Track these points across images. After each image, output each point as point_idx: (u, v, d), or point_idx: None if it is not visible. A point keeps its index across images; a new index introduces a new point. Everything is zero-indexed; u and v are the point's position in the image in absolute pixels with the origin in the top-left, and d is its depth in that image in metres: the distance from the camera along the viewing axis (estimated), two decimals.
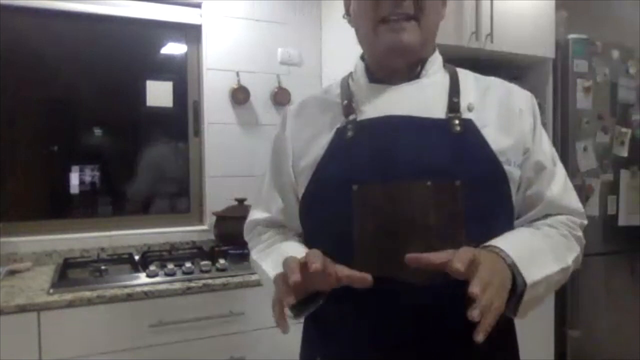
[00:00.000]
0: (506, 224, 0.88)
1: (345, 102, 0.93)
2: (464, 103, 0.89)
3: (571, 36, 2.48)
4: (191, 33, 2.47)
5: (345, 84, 0.97)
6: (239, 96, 2.45)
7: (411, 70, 0.92)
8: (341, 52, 2.38)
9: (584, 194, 2.49)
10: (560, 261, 0.84)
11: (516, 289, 0.76)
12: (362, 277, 0.73)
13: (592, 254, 2.51)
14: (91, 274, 1.89)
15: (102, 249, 2.20)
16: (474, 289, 0.66)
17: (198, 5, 2.41)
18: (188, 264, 1.88)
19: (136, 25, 2.38)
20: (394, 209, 0.82)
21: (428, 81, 0.92)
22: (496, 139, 0.87)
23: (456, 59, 1.05)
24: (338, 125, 0.91)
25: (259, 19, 2.52)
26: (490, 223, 0.84)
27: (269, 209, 1.02)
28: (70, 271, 1.95)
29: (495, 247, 0.79)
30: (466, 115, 0.88)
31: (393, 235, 0.81)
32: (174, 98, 2.46)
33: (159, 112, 2.45)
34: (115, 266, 2.00)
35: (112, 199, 2.44)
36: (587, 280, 2.49)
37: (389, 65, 0.92)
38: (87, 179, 2.38)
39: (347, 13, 0.97)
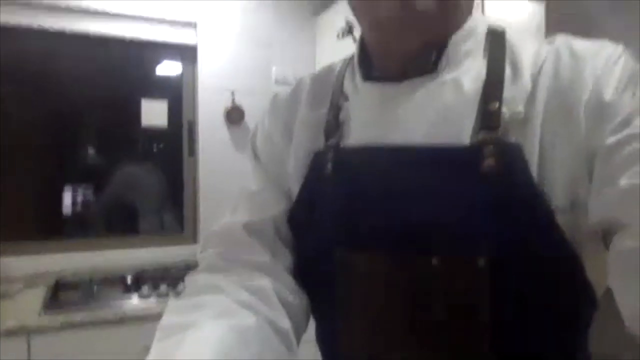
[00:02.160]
0: (571, 307, 0.54)
1: (331, 114, 0.65)
2: (509, 108, 0.53)
3: None
4: (186, 53, 2.48)
5: (341, 77, 0.68)
6: (234, 116, 2.45)
7: (426, 58, 0.58)
8: None
9: None
10: None
11: None
12: None
13: None
14: (83, 295, 1.86)
15: (95, 270, 2.17)
16: None
17: (193, 26, 2.43)
18: (181, 285, 1.85)
19: (132, 45, 2.39)
20: (389, 290, 0.56)
21: (449, 77, 0.57)
22: (563, 178, 0.52)
23: None
24: (317, 148, 0.64)
25: (253, 39, 2.54)
26: (535, 323, 0.52)
27: (249, 212, 0.67)
28: (61, 293, 1.92)
29: None
30: (512, 133, 0.53)
31: (385, 331, 0.57)
32: (169, 117, 2.46)
33: (153, 132, 2.45)
34: (107, 287, 1.98)
35: (105, 220, 2.43)
36: None
37: (394, 47, 0.59)
38: (80, 198, 2.37)
39: None
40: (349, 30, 1.89)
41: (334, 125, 0.63)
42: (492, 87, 0.55)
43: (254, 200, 0.68)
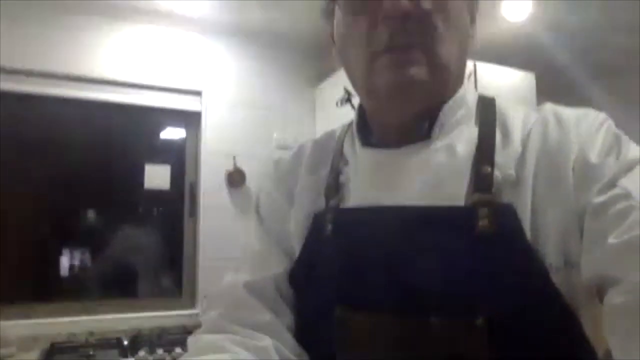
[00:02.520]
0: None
1: (331, 177, 0.68)
2: (502, 171, 0.57)
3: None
4: (191, 119, 2.57)
5: (341, 142, 0.71)
6: (235, 179, 2.50)
7: (420, 126, 0.62)
8: None
9: None
10: None
11: None
12: None
13: None
14: (79, 359, 1.82)
15: (91, 333, 2.13)
16: None
17: (199, 94, 2.54)
18: (178, 349, 1.83)
19: (138, 111, 2.48)
20: (385, 353, 0.56)
21: (442, 143, 0.61)
22: (554, 236, 0.54)
23: None
24: (317, 210, 0.67)
25: (255, 106, 2.64)
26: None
27: (250, 271, 0.68)
28: (56, 357, 1.89)
29: None
30: (505, 194, 0.55)
31: None
32: (171, 179, 2.50)
33: (155, 194, 2.49)
34: (103, 351, 1.94)
35: (103, 282, 2.41)
36: None
37: (390, 116, 0.64)
38: (78, 261, 2.37)
39: (332, 38, 0.69)
40: (348, 98, 1.98)
41: (334, 187, 0.66)
42: (484, 151, 0.58)
43: (255, 259, 0.70)
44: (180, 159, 2.56)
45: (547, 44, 2.71)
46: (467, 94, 0.65)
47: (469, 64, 2.14)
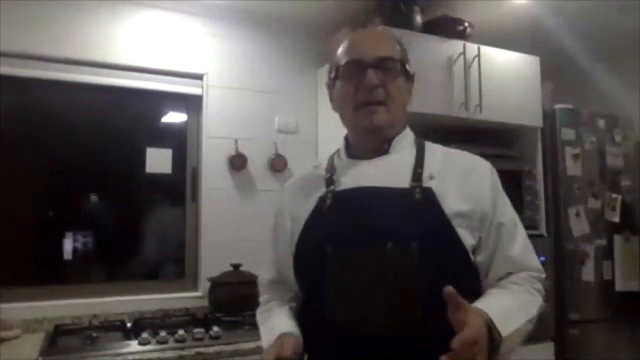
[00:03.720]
0: (464, 280, 0.97)
1: (328, 175, 1.13)
2: (426, 173, 1.05)
3: (557, 106, 2.59)
4: (192, 103, 2.56)
5: (331, 160, 1.18)
6: (237, 163, 2.50)
7: (382, 147, 1.10)
8: (336, 119, 2.45)
9: (578, 259, 2.50)
10: (527, 313, 0.98)
11: (493, 342, 0.87)
12: None
13: (591, 320, 2.49)
14: (82, 341, 1.84)
15: (95, 316, 2.15)
16: (455, 343, 0.77)
17: (200, 77, 2.52)
18: (181, 332, 1.85)
19: (139, 95, 2.47)
20: (360, 268, 0.98)
21: (395, 156, 1.09)
22: (453, 205, 1.00)
23: (447, 127, 1.12)
24: (320, 195, 1.09)
25: (257, 90, 2.63)
26: (446, 280, 0.84)
27: (271, 271, 1.23)
28: (60, 339, 1.90)
29: (478, 308, 0.89)
30: (427, 184, 1.03)
31: (358, 290, 0.97)
32: (172, 164, 2.51)
33: (157, 178, 2.49)
34: (106, 333, 1.96)
35: (106, 265, 2.43)
36: (587, 347, 2.45)
37: (365, 142, 1.12)
38: (81, 245, 2.38)
39: (330, 99, 1.17)
40: None
41: (330, 180, 1.11)
42: (418, 160, 1.08)
43: (273, 263, 1.22)
44: (182, 143, 2.55)
45: (551, 27, 2.69)
46: (408, 135, 1.15)
47: (474, 48, 2.17)
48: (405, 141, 1.12)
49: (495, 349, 0.87)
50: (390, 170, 1.06)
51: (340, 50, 1.13)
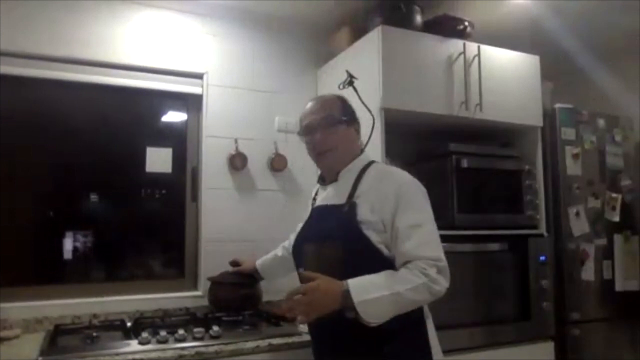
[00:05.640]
0: (376, 267, 1.38)
1: (314, 195, 1.76)
2: (358, 192, 1.51)
3: (557, 105, 2.59)
4: (192, 102, 2.56)
5: (316, 188, 1.77)
6: (237, 162, 2.50)
7: (335, 177, 1.62)
8: None
9: (578, 258, 2.50)
10: (390, 289, 1.32)
11: (353, 304, 1.30)
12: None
13: (591, 320, 2.49)
14: (82, 341, 1.84)
15: (95, 315, 2.16)
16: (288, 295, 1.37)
17: (200, 77, 2.52)
18: (181, 331, 1.84)
19: (139, 94, 2.47)
20: (311, 257, 1.57)
21: (341, 183, 1.59)
22: (365, 214, 1.45)
23: (447, 127, 1.10)
24: (310, 209, 1.74)
25: (257, 89, 2.63)
26: (361, 268, 1.36)
27: (288, 241, 2.03)
28: (60, 338, 1.90)
29: (344, 282, 1.33)
30: (355, 199, 1.49)
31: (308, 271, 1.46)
32: (172, 164, 2.51)
33: (157, 178, 2.49)
34: (107, 333, 1.96)
35: (106, 265, 2.43)
36: (587, 347, 2.45)
37: (326, 175, 1.68)
38: (81, 244, 2.38)
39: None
40: (350, 81, 1.96)
41: (313, 201, 1.74)
42: (354, 184, 1.54)
43: (285, 244, 2.09)
44: (182, 142, 2.55)
45: (551, 27, 2.69)
46: (357, 163, 1.60)
47: (474, 48, 2.36)
48: (350, 172, 1.57)
49: (353, 311, 1.30)
50: (335, 193, 1.58)
51: (300, 115, 1.66)
